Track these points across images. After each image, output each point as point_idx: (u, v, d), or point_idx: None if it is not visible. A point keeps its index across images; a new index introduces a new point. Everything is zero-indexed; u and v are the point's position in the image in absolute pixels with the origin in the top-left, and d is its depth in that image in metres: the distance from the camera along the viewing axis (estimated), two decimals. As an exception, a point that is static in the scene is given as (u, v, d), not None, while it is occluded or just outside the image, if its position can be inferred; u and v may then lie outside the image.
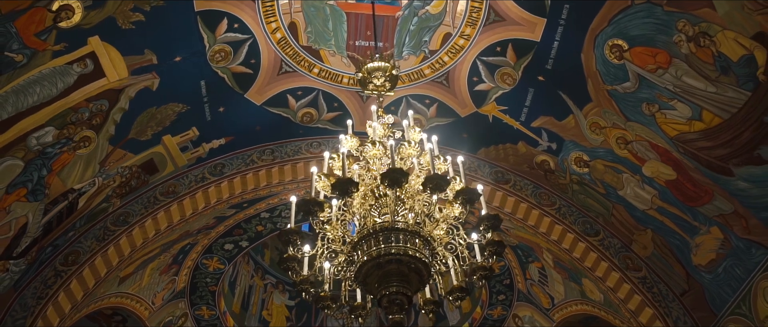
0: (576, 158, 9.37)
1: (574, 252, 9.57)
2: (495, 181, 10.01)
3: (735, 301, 7.99)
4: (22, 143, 7.45)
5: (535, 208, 9.78)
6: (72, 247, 8.48)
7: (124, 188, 8.93)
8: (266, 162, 9.96)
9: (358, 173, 6.04)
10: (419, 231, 5.42)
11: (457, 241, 5.62)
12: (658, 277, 8.94)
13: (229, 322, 12.45)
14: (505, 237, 11.08)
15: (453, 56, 9.36)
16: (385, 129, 6.55)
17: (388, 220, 5.41)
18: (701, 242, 8.28)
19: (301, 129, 10.07)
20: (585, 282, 10.04)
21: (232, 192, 9.79)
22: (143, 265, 9.90)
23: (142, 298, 10.48)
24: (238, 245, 11.35)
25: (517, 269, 11.56)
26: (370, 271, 5.31)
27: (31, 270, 8.08)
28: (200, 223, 10.07)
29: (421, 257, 5.29)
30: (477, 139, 10.06)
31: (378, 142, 5.83)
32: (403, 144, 5.87)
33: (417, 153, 5.86)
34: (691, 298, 8.63)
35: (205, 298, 11.80)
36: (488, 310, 12.42)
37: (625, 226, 9.23)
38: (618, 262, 9.18)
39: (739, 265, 7.86)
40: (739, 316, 7.96)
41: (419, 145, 6.07)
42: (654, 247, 8.96)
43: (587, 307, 10.36)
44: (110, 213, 8.87)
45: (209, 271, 11.49)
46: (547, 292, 11.15)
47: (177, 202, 9.33)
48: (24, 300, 7.98)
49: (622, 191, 9.04)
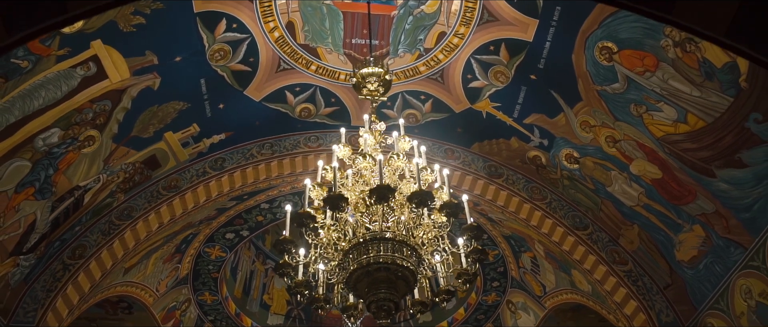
0: (567, 155, 9.69)
1: (564, 245, 9.97)
2: (488, 175, 10.35)
3: (714, 296, 8.40)
4: (29, 145, 7.82)
5: (526, 202, 10.15)
6: (79, 241, 8.92)
7: (127, 183, 9.32)
8: (265, 156, 10.32)
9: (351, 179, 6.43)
10: (407, 240, 5.81)
11: (443, 247, 6.02)
12: (643, 270, 9.35)
13: (231, 306, 12.97)
14: (498, 227, 11.49)
15: (448, 54, 9.62)
16: (377, 137, 6.91)
17: (378, 229, 5.80)
18: (684, 239, 8.65)
19: (300, 124, 10.40)
20: (574, 273, 10.46)
21: (232, 185, 10.18)
22: (147, 255, 10.35)
23: (147, 285, 10.96)
24: (239, 234, 11.79)
25: (510, 258, 11.99)
26: (360, 278, 5.73)
27: (40, 264, 8.54)
28: (202, 214, 10.49)
29: (408, 265, 5.70)
30: (471, 134, 10.38)
31: (368, 155, 6.16)
32: (393, 156, 6.21)
33: (405, 164, 6.20)
34: (673, 292, 9.04)
35: (207, 284, 12.29)
36: (483, 295, 12.88)
37: (613, 221, 9.60)
38: (605, 255, 9.58)
39: (718, 262, 8.24)
40: (718, 311, 8.37)
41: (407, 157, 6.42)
42: (640, 242, 9.34)
43: (577, 297, 10.81)
44: (115, 208, 9.29)
45: (211, 259, 11.95)
46: (539, 280, 11.59)
47: (179, 196, 9.73)
48: (34, 293, 8.45)
49: (611, 188, 9.38)
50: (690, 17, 3.21)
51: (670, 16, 3.30)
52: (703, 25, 3.25)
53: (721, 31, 3.20)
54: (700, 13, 3.18)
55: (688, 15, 3.21)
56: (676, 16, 3.29)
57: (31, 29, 2.80)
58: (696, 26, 3.27)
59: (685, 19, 3.28)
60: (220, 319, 12.84)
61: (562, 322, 12.03)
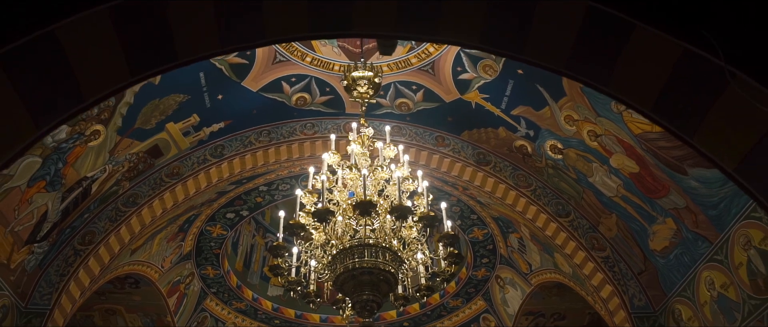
0: (551, 145, 10.26)
1: (547, 230, 10.66)
2: (477, 162, 10.95)
3: (682, 285, 9.14)
4: (39, 142, 8.42)
5: (512, 189, 10.78)
6: (87, 227, 9.64)
7: (132, 172, 9.98)
8: (263, 143, 10.92)
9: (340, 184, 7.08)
10: (389, 245, 6.50)
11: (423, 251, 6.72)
12: (620, 257, 10.05)
13: (232, 279, 13.83)
14: (486, 209, 12.17)
15: (438, 47, 10.08)
16: (365, 141, 7.51)
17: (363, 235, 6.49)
18: (658, 230, 9.32)
19: (296, 112, 10.96)
20: (557, 255, 11.18)
21: (232, 171, 10.83)
22: (152, 236, 11.10)
23: (152, 263, 11.76)
24: (238, 214, 12.53)
25: (499, 237, 12.72)
26: (347, 280, 6.47)
27: (52, 250, 9.29)
28: (203, 198, 11.17)
29: (389, 270, 6.40)
30: (461, 123, 10.93)
31: (354, 167, 6.78)
32: (378, 168, 6.83)
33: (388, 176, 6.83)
34: (646, 278, 9.77)
35: (209, 260, 13.10)
36: (473, 271, 13.68)
37: (593, 209, 10.25)
38: (585, 241, 10.27)
39: (687, 253, 8.93)
40: (685, 298, 9.13)
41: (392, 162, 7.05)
42: (618, 230, 10.02)
43: (559, 277, 11.58)
44: (121, 195, 9.97)
45: (213, 237, 12.73)
46: (526, 259, 12.35)
47: (181, 182, 10.40)
48: (49, 277, 9.23)
49: (592, 178, 9.99)
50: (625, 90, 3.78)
51: (606, 88, 3.85)
52: (633, 98, 3.81)
53: (648, 106, 3.76)
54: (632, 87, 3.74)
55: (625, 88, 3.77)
56: (611, 88, 3.84)
57: (55, 120, 3.38)
58: (628, 99, 3.83)
59: (621, 93, 3.83)
60: (222, 292, 13.74)
61: (547, 297, 12.88)
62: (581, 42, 3.74)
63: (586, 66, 3.88)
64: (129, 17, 3.30)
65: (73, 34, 3.14)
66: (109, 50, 3.35)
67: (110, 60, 3.40)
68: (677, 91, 3.65)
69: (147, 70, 3.61)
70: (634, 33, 3.53)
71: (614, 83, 3.84)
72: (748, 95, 3.26)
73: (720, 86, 3.42)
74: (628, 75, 3.74)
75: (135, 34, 3.39)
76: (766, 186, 3.51)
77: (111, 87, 3.53)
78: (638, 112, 4.02)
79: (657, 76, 3.63)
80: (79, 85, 3.36)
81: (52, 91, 3.23)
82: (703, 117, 3.65)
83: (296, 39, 4.69)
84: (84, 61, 3.28)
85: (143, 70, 3.58)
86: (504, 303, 13.65)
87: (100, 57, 3.35)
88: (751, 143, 3.44)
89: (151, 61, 3.59)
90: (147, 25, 3.40)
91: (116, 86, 3.60)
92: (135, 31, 3.39)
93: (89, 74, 3.34)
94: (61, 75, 3.23)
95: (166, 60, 3.66)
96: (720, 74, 3.35)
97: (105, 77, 3.43)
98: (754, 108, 3.26)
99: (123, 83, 3.59)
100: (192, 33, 3.64)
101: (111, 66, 3.44)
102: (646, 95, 3.78)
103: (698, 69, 3.45)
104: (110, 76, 3.46)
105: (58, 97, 3.29)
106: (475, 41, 4.15)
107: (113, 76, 3.48)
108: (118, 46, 3.38)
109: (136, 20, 3.35)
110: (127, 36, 3.35)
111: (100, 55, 3.34)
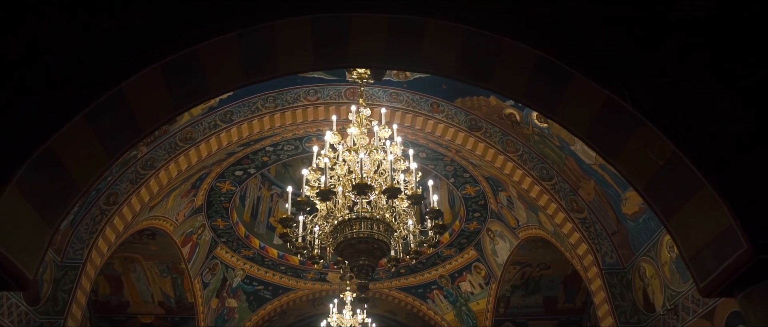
0: (537, 115, 11.34)
1: (531, 192, 11.91)
2: (469, 128, 12.08)
3: (647, 245, 10.45)
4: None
5: (501, 154, 11.97)
6: (111, 189, 10.92)
7: (149, 138, 11.13)
8: (269, 109, 12.03)
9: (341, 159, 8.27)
10: (383, 218, 7.75)
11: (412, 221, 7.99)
12: (596, 218, 11.33)
13: (240, 229, 15.25)
14: (478, 169, 13.39)
15: (433, 22, 11.02)
16: (362, 121, 8.64)
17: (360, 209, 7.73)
18: (629, 197, 10.55)
19: (300, 79, 11.99)
20: (540, 214, 12.47)
21: (240, 135, 12.00)
22: (167, 194, 12.38)
23: (168, 217, 13.11)
24: (246, 172, 13.81)
25: (489, 194, 14.00)
26: (346, 247, 7.76)
27: (82, 210, 10.60)
28: (214, 159, 12.38)
29: (382, 239, 7.67)
30: (455, 90, 11.99)
31: (353, 150, 7.96)
32: (374, 151, 8.00)
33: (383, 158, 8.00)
34: (618, 239, 11.08)
35: (219, 213, 14.47)
36: (466, 223, 15.04)
37: (574, 174, 11.45)
38: (565, 204, 11.53)
39: (653, 219, 10.18)
40: (649, 258, 10.46)
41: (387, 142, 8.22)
42: (595, 195, 11.25)
43: (542, 233, 12.91)
44: (139, 159, 11.19)
45: (222, 192, 14.05)
46: (514, 215, 13.66)
47: (194, 146, 11.59)
48: (79, 234, 10.59)
49: (574, 146, 11.14)
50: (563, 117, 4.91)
51: (552, 115, 4.96)
52: (572, 125, 4.93)
53: (583, 133, 4.88)
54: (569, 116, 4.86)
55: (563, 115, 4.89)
56: (557, 116, 4.94)
57: (121, 151, 4.50)
58: (568, 125, 4.95)
59: (563, 120, 4.95)
60: (232, 241, 15.20)
61: (533, 249, 14.29)
62: (533, 80, 4.82)
63: (537, 98, 4.99)
64: (174, 69, 4.39)
65: (135, 87, 4.24)
66: (159, 93, 4.45)
67: (160, 101, 4.51)
68: (604, 124, 4.76)
69: (188, 104, 4.72)
70: (572, 79, 4.61)
71: (558, 113, 4.95)
72: (644, 144, 4.39)
73: (632, 127, 4.53)
74: (568, 108, 4.85)
75: (178, 80, 4.49)
76: (666, 204, 4.67)
77: (161, 120, 4.65)
78: (576, 136, 5.14)
79: (589, 111, 4.73)
80: (138, 123, 4.48)
81: (118, 129, 4.36)
82: (622, 146, 4.77)
83: (303, 71, 5.80)
84: (141, 104, 4.39)
85: (185, 105, 4.69)
86: (494, 253, 15.10)
87: (154, 99, 4.45)
88: (654, 169, 4.59)
89: (191, 98, 4.69)
90: (188, 71, 4.48)
91: (165, 119, 4.73)
92: (178, 78, 4.48)
93: (145, 113, 4.47)
94: (125, 117, 4.36)
95: (202, 95, 4.77)
96: (633, 118, 4.45)
97: (157, 114, 4.55)
98: (658, 143, 4.38)
99: (171, 115, 4.72)
100: (221, 73, 4.74)
101: (161, 105, 4.55)
102: (581, 124, 4.89)
103: (618, 111, 4.54)
104: (161, 113, 4.58)
105: (124, 133, 4.42)
106: (452, 73, 5.24)
107: (163, 113, 4.60)
108: (165, 90, 4.46)
109: (180, 70, 4.43)
110: (172, 81, 4.44)
111: (153, 98, 4.45)
